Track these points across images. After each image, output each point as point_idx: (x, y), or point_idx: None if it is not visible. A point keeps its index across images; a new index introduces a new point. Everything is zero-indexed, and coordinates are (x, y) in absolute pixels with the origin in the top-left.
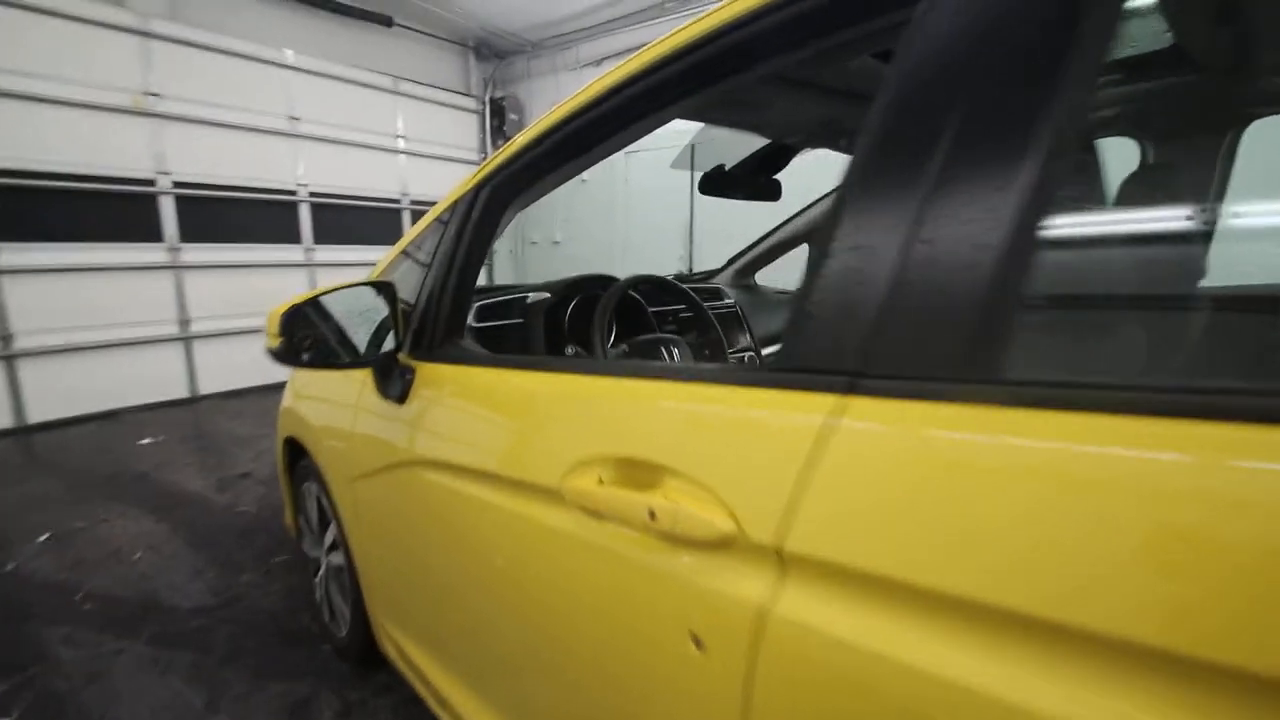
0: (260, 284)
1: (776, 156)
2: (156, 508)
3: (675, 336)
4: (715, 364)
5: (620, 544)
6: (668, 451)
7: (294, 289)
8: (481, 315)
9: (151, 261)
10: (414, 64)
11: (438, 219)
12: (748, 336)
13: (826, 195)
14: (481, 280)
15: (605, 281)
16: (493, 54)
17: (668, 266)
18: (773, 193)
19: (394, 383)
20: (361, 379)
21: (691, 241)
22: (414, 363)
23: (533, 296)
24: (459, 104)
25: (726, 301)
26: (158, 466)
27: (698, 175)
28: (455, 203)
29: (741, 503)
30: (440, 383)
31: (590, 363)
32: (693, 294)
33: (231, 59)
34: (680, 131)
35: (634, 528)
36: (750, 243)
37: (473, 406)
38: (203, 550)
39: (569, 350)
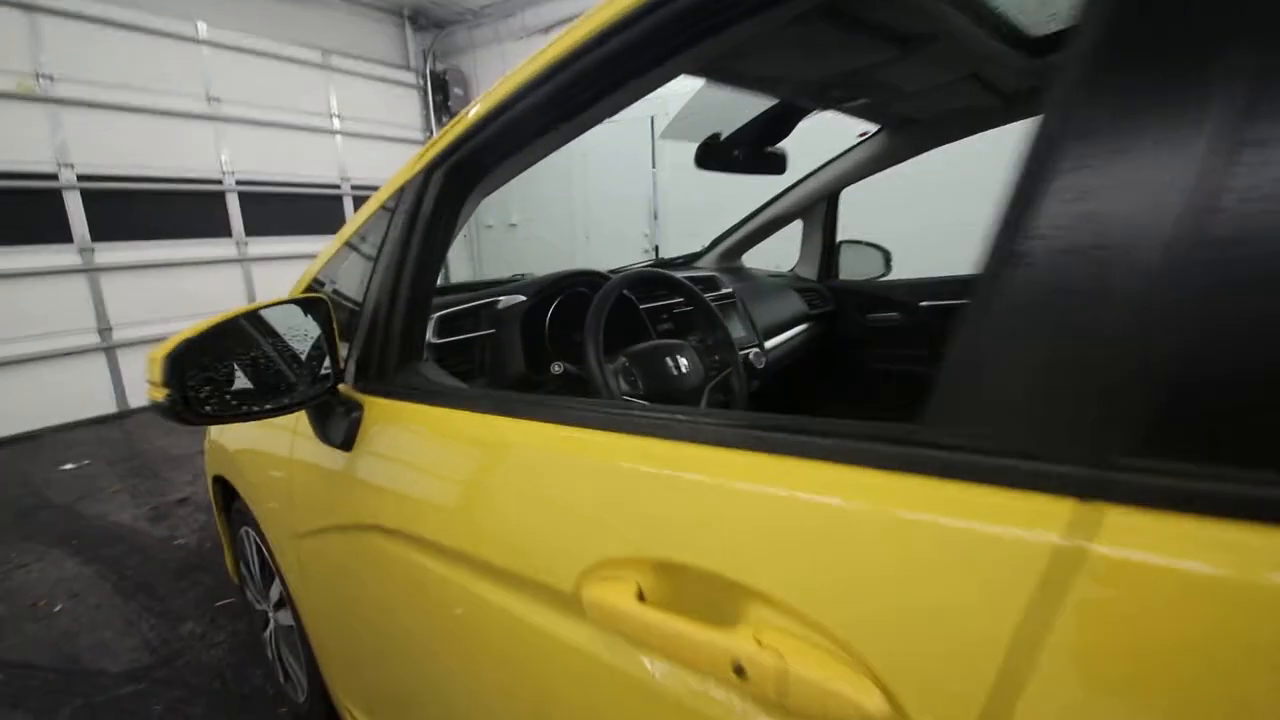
0: (190, 284)
1: (780, 122)
2: (81, 547)
3: (679, 342)
4: (833, 424)
5: (678, 693)
6: (759, 568)
7: (229, 287)
8: (443, 328)
9: (62, 265)
10: (345, 36)
11: (382, 207)
12: (750, 331)
13: (825, 165)
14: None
15: (588, 278)
16: (431, 23)
17: (632, 249)
18: (777, 165)
19: (336, 424)
20: (296, 416)
21: (656, 219)
22: (360, 397)
23: (504, 301)
24: (397, 79)
25: (723, 291)
26: (82, 496)
27: (660, 147)
28: (401, 189)
29: (903, 674)
30: (397, 424)
31: (609, 410)
32: (693, 286)
33: (135, 34)
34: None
35: (701, 676)
36: (738, 220)
37: (442, 462)
38: (136, 596)
39: (555, 368)
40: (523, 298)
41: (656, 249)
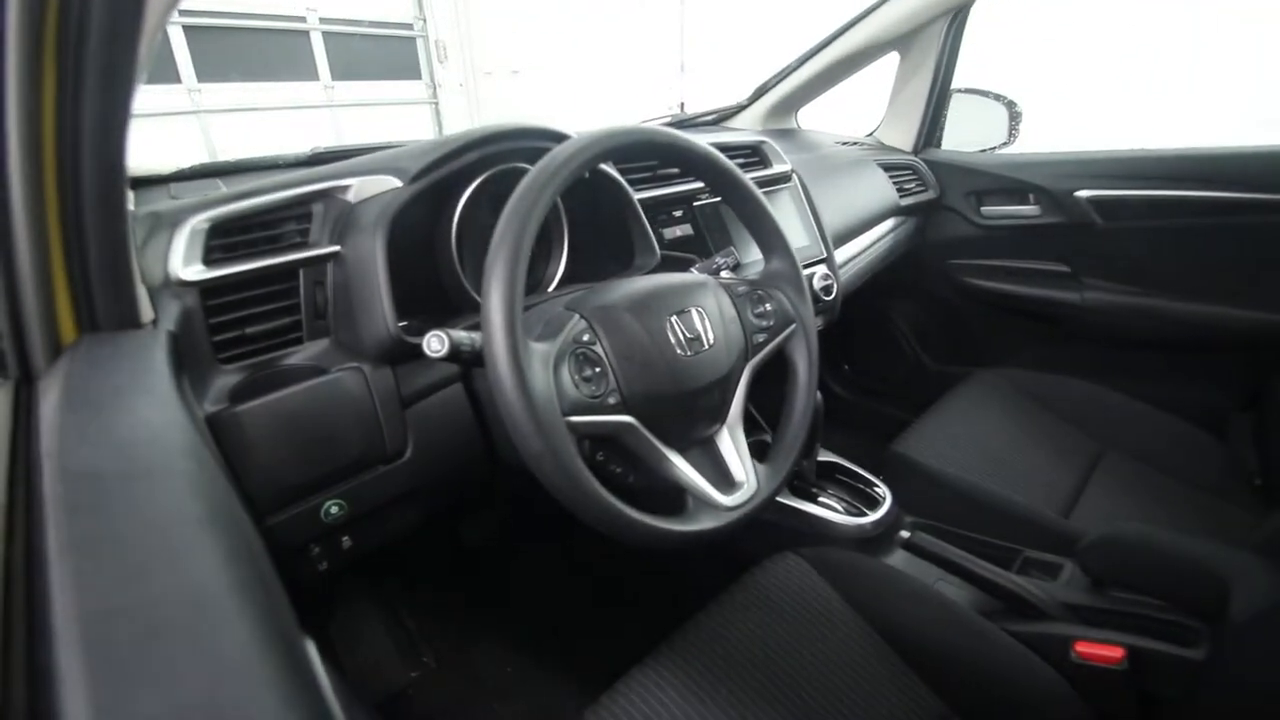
0: None
1: None
2: None
3: (701, 278)
4: None
5: None
6: None
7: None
8: (226, 248)
9: None
10: None
11: None
12: (815, 236)
13: None
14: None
15: (531, 139)
16: None
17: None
18: None
19: None
20: None
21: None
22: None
23: (360, 186)
24: None
25: (776, 170)
26: None
27: None
28: None
29: None
30: None
31: None
32: (726, 161)
33: None
34: None
35: None
36: (791, 63)
37: None
38: None
39: (433, 344)
40: (396, 182)
41: (682, 105)
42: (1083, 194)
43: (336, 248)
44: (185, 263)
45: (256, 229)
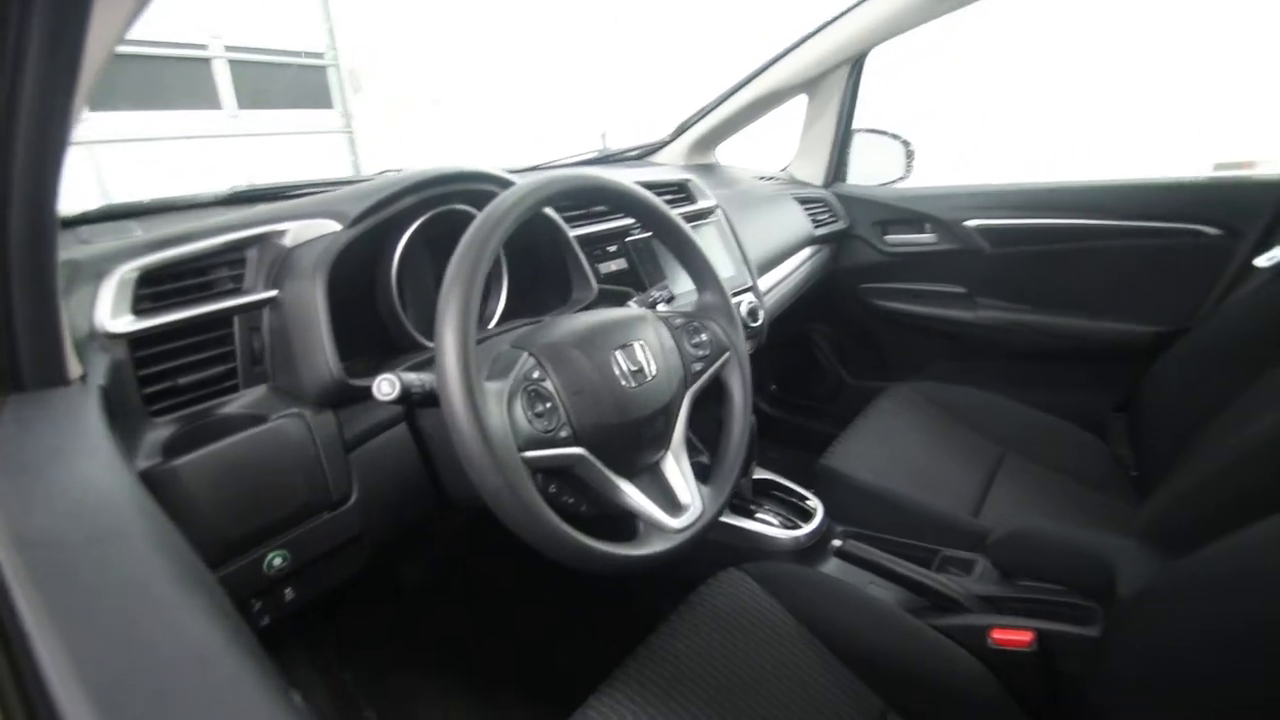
0: None
1: None
2: None
3: (639, 312)
4: None
5: None
6: None
7: None
8: (157, 296)
9: None
10: None
11: None
12: (741, 265)
13: (850, 10)
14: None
15: (471, 181)
16: None
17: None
18: None
19: None
20: None
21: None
22: None
23: (297, 229)
24: None
25: (702, 206)
26: None
27: None
28: None
29: None
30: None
31: None
32: (655, 200)
33: None
34: None
35: None
36: (709, 102)
37: None
38: None
39: (383, 387)
40: (335, 225)
41: (604, 136)
42: (971, 223)
43: (274, 293)
44: (114, 314)
45: (188, 276)
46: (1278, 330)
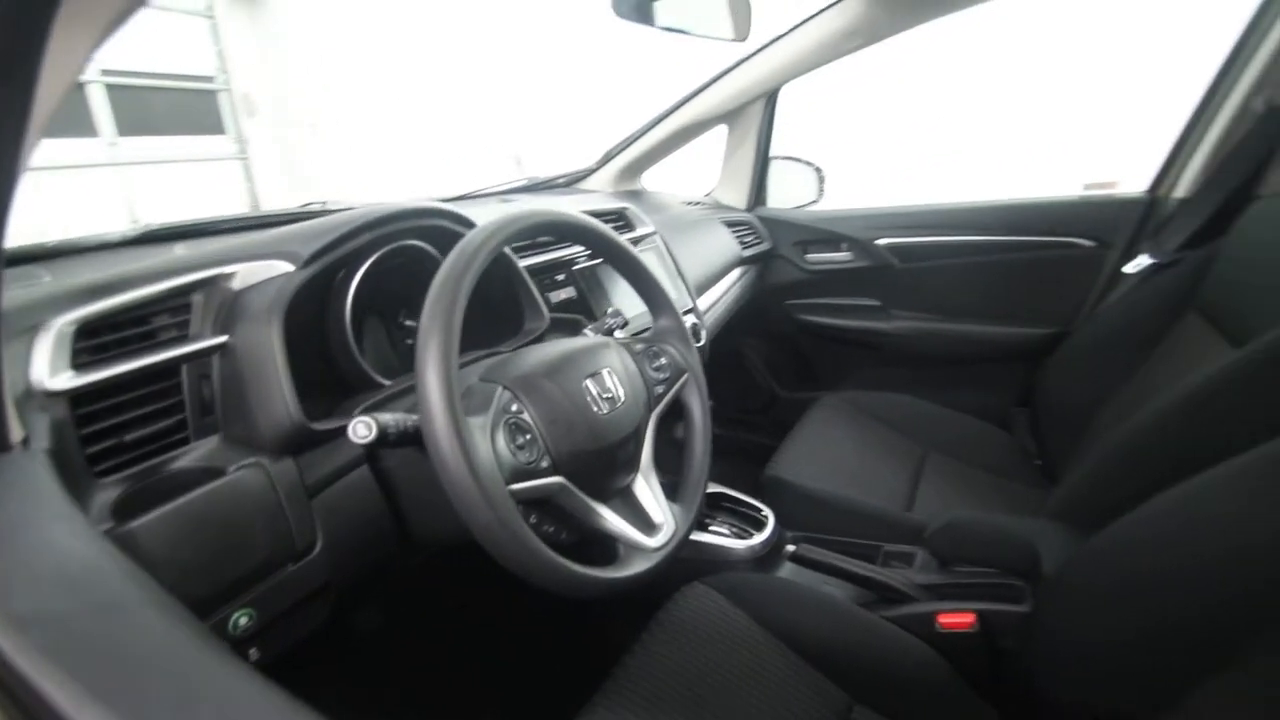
0: None
1: None
2: None
3: (600, 340)
4: None
5: None
6: None
7: None
8: (99, 347)
9: None
10: None
11: None
12: (681, 288)
13: (766, 47)
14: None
15: (425, 217)
16: None
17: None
18: (739, 25)
19: None
20: None
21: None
22: None
23: (245, 272)
24: None
25: (641, 233)
26: None
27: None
28: None
29: None
30: None
31: None
32: (606, 230)
33: None
34: None
35: None
36: (634, 131)
37: None
38: None
39: (359, 429)
40: (286, 266)
41: (519, 160)
42: (882, 241)
43: (223, 338)
44: (52, 371)
45: (128, 326)
46: (1147, 328)
